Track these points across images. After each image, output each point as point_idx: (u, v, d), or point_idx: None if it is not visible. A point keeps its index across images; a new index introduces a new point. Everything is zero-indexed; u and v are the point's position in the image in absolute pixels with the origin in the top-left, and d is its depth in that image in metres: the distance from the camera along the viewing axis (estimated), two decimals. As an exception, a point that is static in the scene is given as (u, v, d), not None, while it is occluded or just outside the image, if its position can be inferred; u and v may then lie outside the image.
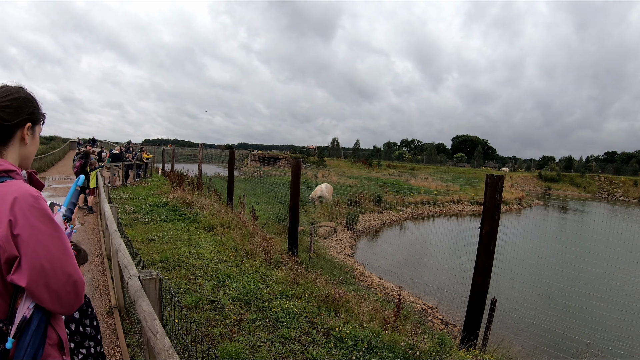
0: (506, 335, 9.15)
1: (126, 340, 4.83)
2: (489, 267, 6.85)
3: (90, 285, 6.83)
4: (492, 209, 6.74)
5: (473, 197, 37.03)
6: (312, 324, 5.59)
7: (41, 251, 1.50)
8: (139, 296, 2.52)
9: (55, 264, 1.52)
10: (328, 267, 12.30)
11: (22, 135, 1.73)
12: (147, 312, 2.28)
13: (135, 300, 2.51)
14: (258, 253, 8.71)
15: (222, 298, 6.06)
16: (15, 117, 1.68)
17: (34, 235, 1.50)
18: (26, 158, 1.80)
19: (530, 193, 48.95)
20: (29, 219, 1.50)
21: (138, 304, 2.43)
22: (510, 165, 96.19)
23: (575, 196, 57.00)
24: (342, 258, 16.08)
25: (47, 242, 1.52)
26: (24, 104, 1.72)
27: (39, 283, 1.48)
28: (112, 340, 4.99)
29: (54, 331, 1.66)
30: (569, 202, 47.08)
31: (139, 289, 2.65)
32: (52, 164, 33.25)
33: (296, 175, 10.80)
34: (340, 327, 5.48)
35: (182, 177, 20.74)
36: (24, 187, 1.56)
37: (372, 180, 42.18)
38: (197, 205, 13.54)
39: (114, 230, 4.67)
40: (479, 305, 6.95)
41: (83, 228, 11.52)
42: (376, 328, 5.66)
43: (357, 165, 70.50)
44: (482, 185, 41.60)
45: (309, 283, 7.08)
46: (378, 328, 5.70)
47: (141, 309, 2.35)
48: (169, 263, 7.63)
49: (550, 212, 38.90)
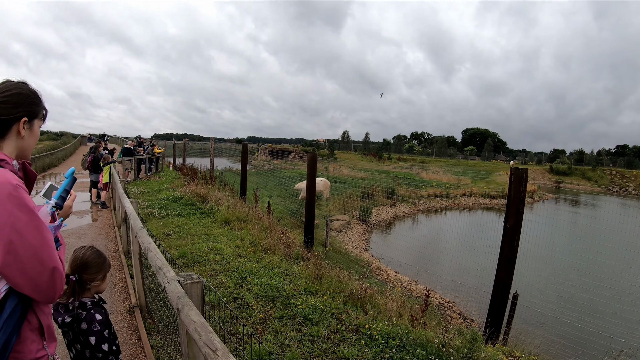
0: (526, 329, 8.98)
1: (150, 341, 4.65)
2: (513, 261, 6.75)
3: (108, 283, 6.66)
4: (517, 203, 6.62)
5: (485, 190, 36.80)
6: (340, 321, 5.39)
7: (15, 237, 1.56)
8: (183, 304, 2.29)
9: (30, 251, 1.58)
10: (344, 261, 12.12)
11: (18, 129, 1.80)
12: (199, 323, 2.04)
13: (179, 308, 2.27)
14: (278, 248, 8.52)
15: (246, 295, 5.87)
16: (12, 112, 1.76)
17: (10, 222, 1.56)
18: (24, 150, 1.88)
19: (541, 186, 48.53)
20: (6, 206, 1.56)
21: (184, 313, 2.19)
22: (520, 158, 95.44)
23: (587, 190, 56.39)
24: (357, 252, 15.94)
25: (23, 229, 1.58)
26: (21, 100, 1.80)
27: (13, 267, 1.56)
28: (135, 340, 4.81)
29: (34, 316, 1.76)
30: (580, 195, 46.63)
31: (182, 295, 2.42)
32: (64, 159, 33.33)
33: (312, 169, 10.60)
34: (369, 324, 5.29)
35: (194, 171, 20.60)
36: (5, 176, 1.62)
37: (384, 173, 41.94)
38: (211, 199, 13.38)
39: (140, 227, 4.43)
40: (502, 300, 6.84)
41: (97, 224, 11.40)
42: (405, 325, 5.47)
43: (367, 158, 70.32)
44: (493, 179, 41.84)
45: (333, 278, 6.88)
46: (407, 325, 5.51)
47: (189, 320, 2.11)
48: (187, 259, 7.45)
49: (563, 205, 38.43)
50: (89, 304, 2.61)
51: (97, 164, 14.20)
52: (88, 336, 2.54)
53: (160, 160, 26.19)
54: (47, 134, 73.15)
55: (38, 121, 1.91)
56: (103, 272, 2.72)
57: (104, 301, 2.81)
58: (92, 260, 2.65)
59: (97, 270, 2.67)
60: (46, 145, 40.82)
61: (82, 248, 2.70)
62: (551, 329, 9.52)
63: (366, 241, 18.64)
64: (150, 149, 24.72)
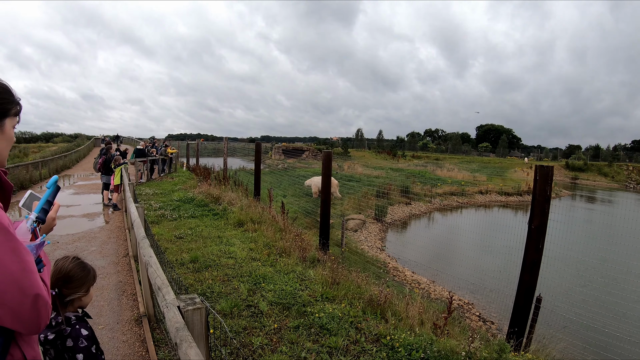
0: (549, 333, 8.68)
1: (157, 354, 4.39)
2: (538, 264, 6.49)
3: (117, 290, 6.44)
4: (542, 202, 6.37)
5: (501, 187, 36.35)
6: (359, 331, 5.08)
7: None
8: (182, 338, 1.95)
9: (7, 278, 1.32)
10: (361, 263, 11.86)
11: None
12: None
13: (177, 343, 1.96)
14: (293, 250, 8.24)
15: (260, 302, 5.58)
16: None
17: None
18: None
19: (557, 183, 47.82)
20: None
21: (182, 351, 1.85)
22: (535, 154, 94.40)
23: (604, 186, 55.68)
24: (374, 252, 15.65)
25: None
26: None
27: None
28: (142, 353, 4.54)
29: (18, 349, 1.50)
30: (597, 192, 45.98)
31: (181, 326, 2.09)
32: (77, 161, 33.42)
33: (327, 168, 10.31)
34: (391, 334, 4.98)
35: (207, 172, 20.44)
36: None
37: (398, 171, 41.69)
38: (225, 200, 13.17)
39: (142, 237, 4.16)
40: (526, 304, 6.55)
41: (108, 226, 11.21)
42: (429, 334, 5.15)
43: (381, 156, 69.85)
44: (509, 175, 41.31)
45: (351, 283, 6.57)
46: (430, 334, 5.20)
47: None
48: (199, 263, 7.20)
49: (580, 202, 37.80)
50: (73, 319, 2.39)
51: (109, 165, 14.05)
52: (75, 353, 2.32)
53: (173, 161, 26.08)
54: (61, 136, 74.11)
55: (10, 120, 1.58)
56: (86, 286, 2.49)
57: (89, 316, 2.58)
58: (75, 273, 2.43)
59: (80, 284, 2.44)
60: (60, 147, 41.11)
61: (64, 259, 2.47)
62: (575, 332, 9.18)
63: (382, 241, 18.34)
64: (163, 149, 24.62)
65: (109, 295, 6.17)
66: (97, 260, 7.97)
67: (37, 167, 21.85)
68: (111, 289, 6.44)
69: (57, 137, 74.22)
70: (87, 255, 8.22)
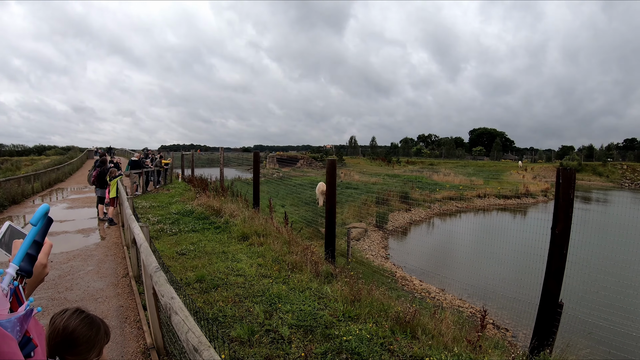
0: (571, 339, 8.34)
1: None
2: (562, 270, 6.17)
3: (118, 316, 5.90)
4: (565, 206, 6.10)
5: (499, 190, 36.15)
6: (392, 353, 4.61)
7: None
8: None
9: None
10: (368, 273, 11.45)
11: None
12: None
13: None
14: (304, 265, 7.75)
15: (279, 326, 5.07)
16: None
17: None
18: None
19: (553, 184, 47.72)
20: None
21: None
22: (529, 156, 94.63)
23: (599, 185, 56.04)
24: (379, 261, 15.25)
25: None
26: None
27: None
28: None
29: None
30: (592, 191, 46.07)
31: None
32: (70, 174, 32.81)
33: (332, 177, 9.84)
34: (427, 354, 4.52)
35: (205, 182, 19.93)
36: None
37: (395, 177, 41.50)
38: (226, 212, 12.67)
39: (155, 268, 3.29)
40: (550, 312, 6.24)
41: (105, 243, 10.68)
42: (467, 352, 4.72)
43: (376, 162, 69.76)
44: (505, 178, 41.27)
45: (373, 300, 6.10)
46: (468, 352, 4.76)
47: None
48: (206, 282, 6.67)
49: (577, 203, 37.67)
50: None
51: (103, 178, 13.53)
52: None
53: (168, 172, 25.54)
54: (54, 149, 73.43)
55: None
56: (98, 348, 1.81)
57: None
58: (81, 333, 1.74)
59: (89, 347, 1.77)
60: (53, 160, 40.47)
61: (63, 314, 1.78)
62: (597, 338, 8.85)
63: (385, 249, 17.94)
64: (158, 161, 24.09)
65: (110, 323, 5.61)
66: (94, 281, 7.45)
67: (30, 181, 21.33)
68: (112, 316, 5.90)
69: (50, 149, 73.72)
70: (83, 276, 7.72)
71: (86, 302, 6.40)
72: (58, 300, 6.48)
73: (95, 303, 6.41)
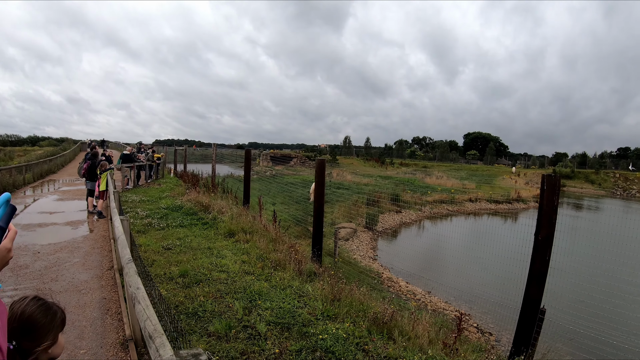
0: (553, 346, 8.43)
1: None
2: (544, 276, 6.25)
3: (100, 308, 5.95)
4: (549, 212, 6.17)
5: (491, 195, 36.34)
6: (366, 353, 4.68)
7: None
8: None
9: None
10: (354, 273, 11.50)
11: None
12: None
13: None
14: (288, 263, 7.82)
15: (257, 322, 5.15)
16: None
17: None
18: None
19: (541, 190, 47.96)
20: None
21: None
22: (522, 162, 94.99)
23: (591, 193, 56.26)
24: (366, 262, 15.33)
25: None
26: None
27: None
28: (129, 384, 4.08)
29: None
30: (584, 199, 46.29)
31: None
32: (62, 166, 32.70)
33: (321, 176, 9.92)
34: (401, 356, 4.60)
35: (196, 178, 19.98)
36: None
37: (387, 179, 41.60)
38: (214, 208, 12.71)
39: (127, 260, 3.54)
40: (532, 317, 6.32)
41: (92, 235, 10.71)
42: (441, 355, 4.80)
43: (370, 163, 69.80)
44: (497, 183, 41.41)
45: (353, 300, 6.18)
46: (442, 355, 4.85)
47: None
48: (189, 277, 6.74)
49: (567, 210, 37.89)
50: None
51: (94, 171, 13.54)
52: None
53: (160, 167, 25.53)
54: (48, 140, 72.88)
55: None
56: (53, 334, 1.84)
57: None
58: (37, 319, 1.80)
59: (43, 333, 1.81)
60: (46, 151, 40.30)
61: (22, 301, 1.83)
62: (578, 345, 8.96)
63: (374, 250, 18.03)
64: (150, 155, 24.07)
65: (91, 314, 5.69)
66: (79, 273, 7.49)
67: (21, 171, 21.25)
68: (94, 307, 5.96)
69: (44, 140, 73.01)
70: (69, 268, 7.76)
71: (70, 293, 6.44)
72: (43, 291, 6.47)
73: (79, 294, 6.45)
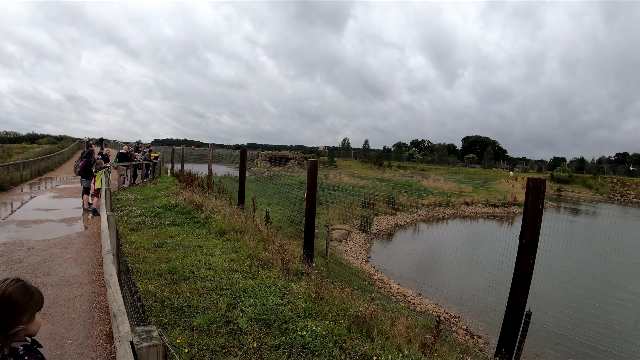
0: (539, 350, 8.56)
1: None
2: (529, 279, 6.42)
3: (89, 301, 6.10)
4: (534, 216, 6.28)
5: (487, 198, 36.46)
6: (343, 351, 4.82)
7: None
8: None
9: None
10: (345, 274, 11.63)
11: None
12: None
13: None
14: (275, 262, 7.98)
15: (239, 318, 5.31)
16: None
17: None
18: None
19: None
20: None
21: None
22: (520, 166, 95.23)
23: (588, 198, 56.46)
24: (359, 263, 15.45)
25: None
26: None
27: None
28: (111, 373, 4.25)
29: None
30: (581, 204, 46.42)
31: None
32: (60, 164, 32.80)
33: (313, 177, 10.10)
34: (377, 354, 4.74)
35: (191, 178, 20.12)
36: None
37: (384, 182, 41.68)
38: (207, 207, 12.87)
39: (107, 251, 3.86)
40: (516, 320, 6.47)
41: (87, 232, 10.85)
42: (417, 354, 4.94)
43: (367, 165, 70.01)
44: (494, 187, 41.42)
45: (336, 298, 6.32)
46: (419, 354, 4.98)
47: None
48: (177, 274, 6.91)
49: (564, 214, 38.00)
50: (21, 350, 2.03)
51: (89, 169, 13.67)
52: None
53: (157, 166, 25.65)
54: (47, 138, 72.91)
55: None
56: (30, 313, 2.10)
57: (39, 344, 2.19)
58: (16, 298, 2.04)
59: (22, 311, 2.06)
60: (44, 149, 40.42)
61: (4, 282, 2.08)
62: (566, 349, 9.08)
63: (367, 251, 18.16)
64: (147, 154, 24.20)
65: (80, 307, 5.85)
66: (71, 268, 7.64)
67: (19, 169, 21.38)
68: (83, 301, 6.12)
69: (42, 138, 73.02)
70: (61, 263, 7.91)
71: (61, 287, 6.59)
72: (35, 284, 6.64)
73: (70, 288, 6.60)
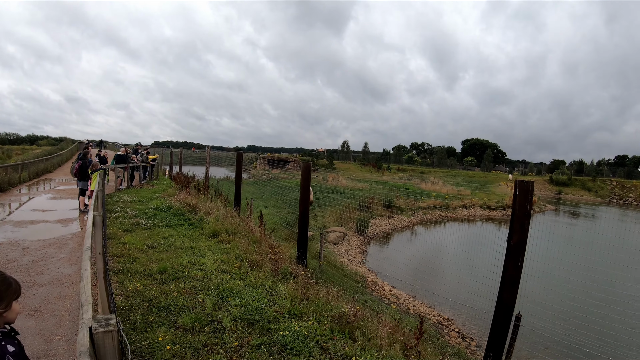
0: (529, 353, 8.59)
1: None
2: (517, 282, 6.36)
3: (79, 300, 6.21)
4: (522, 218, 6.24)
5: (485, 201, 36.52)
6: (324, 351, 4.92)
7: None
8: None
9: None
10: (338, 276, 11.71)
11: None
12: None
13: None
14: (265, 263, 8.08)
15: (223, 318, 5.42)
16: None
17: None
18: None
19: (541, 197, 48.29)
20: None
21: None
22: (520, 169, 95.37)
23: (587, 200, 56.53)
24: (353, 265, 15.49)
25: None
26: None
27: None
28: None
29: None
30: (580, 207, 46.44)
31: (84, 350, 1.97)
32: (59, 165, 32.92)
33: (306, 180, 10.16)
34: (357, 354, 4.83)
35: (187, 180, 20.18)
36: None
37: (382, 184, 41.76)
38: (201, 209, 12.98)
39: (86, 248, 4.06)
40: (505, 323, 6.42)
41: (82, 233, 10.96)
42: (397, 355, 5.02)
43: (366, 168, 70.17)
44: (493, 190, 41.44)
45: (321, 299, 6.41)
46: (400, 355, 5.07)
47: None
48: (167, 274, 7.02)
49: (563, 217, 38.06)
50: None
51: (85, 171, 13.80)
52: None
53: (155, 168, 25.78)
54: (47, 139, 73.04)
55: None
56: (6, 301, 2.24)
57: (16, 332, 2.35)
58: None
59: None
60: (44, 151, 40.56)
61: None
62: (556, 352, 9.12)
63: (363, 254, 18.19)
64: (145, 156, 24.32)
65: (70, 305, 5.98)
66: (64, 267, 7.76)
67: (17, 170, 21.50)
68: (74, 299, 6.24)
69: (42, 139, 73.18)
70: (55, 262, 8.03)
71: (53, 286, 6.72)
72: (28, 283, 6.80)
73: (61, 287, 6.72)
